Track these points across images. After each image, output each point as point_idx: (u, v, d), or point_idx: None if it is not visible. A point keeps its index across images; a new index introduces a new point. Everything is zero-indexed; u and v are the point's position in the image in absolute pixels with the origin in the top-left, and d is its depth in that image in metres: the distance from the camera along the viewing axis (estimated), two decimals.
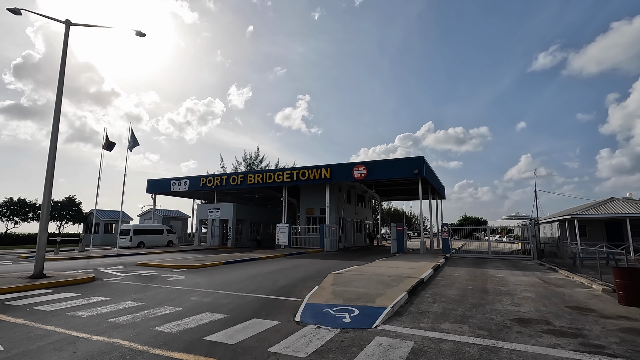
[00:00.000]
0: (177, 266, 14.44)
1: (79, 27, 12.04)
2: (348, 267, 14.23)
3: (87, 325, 5.73)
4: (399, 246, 23.53)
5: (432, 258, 18.89)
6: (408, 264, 15.47)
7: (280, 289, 9.28)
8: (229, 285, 9.94)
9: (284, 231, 27.62)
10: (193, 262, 15.57)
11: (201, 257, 18.64)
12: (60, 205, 33.85)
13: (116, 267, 14.66)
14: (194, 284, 10.06)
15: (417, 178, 24.11)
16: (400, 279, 10.42)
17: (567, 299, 8.27)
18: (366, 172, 25.26)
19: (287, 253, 21.70)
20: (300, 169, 27.68)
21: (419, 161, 23.72)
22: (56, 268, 14.11)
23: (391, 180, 28.61)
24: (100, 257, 19.85)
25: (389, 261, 16.86)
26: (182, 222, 43.25)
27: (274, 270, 13.54)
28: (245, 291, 8.94)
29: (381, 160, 25.53)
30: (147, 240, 29.05)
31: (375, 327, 5.66)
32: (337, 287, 9.04)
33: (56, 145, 11.24)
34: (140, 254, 22.24)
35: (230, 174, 31.49)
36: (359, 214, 36.05)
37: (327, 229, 25.88)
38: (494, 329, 5.69)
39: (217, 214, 31.91)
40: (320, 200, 30.41)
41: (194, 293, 8.69)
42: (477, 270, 14.52)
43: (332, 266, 15.09)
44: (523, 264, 17.38)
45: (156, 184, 35.14)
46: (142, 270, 13.74)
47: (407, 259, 17.93)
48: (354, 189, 34.12)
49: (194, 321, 5.98)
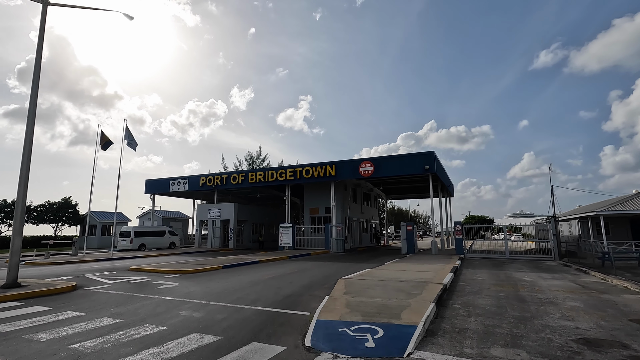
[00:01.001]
0: (171, 271, 13.24)
1: (59, 7, 10.85)
2: (358, 270, 12.98)
3: (39, 355, 4.51)
4: (409, 247, 22.24)
5: (447, 259, 17.61)
6: (423, 266, 14.20)
7: (284, 300, 8.04)
8: (226, 294, 8.71)
9: (287, 232, 26.39)
10: (190, 267, 14.36)
11: (199, 261, 17.44)
12: (56, 207, 32.75)
13: (106, 273, 13.47)
14: (186, 294, 8.84)
15: (428, 174, 22.81)
16: (421, 285, 9.16)
17: (625, 310, 6.99)
18: (373, 169, 23.98)
19: (291, 255, 20.47)
20: (304, 166, 26.43)
21: (430, 156, 22.42)
22: (39, 275, 12.94)
23: (399, 177, 27.33)
24: (93, 261, 18.69)
25: (401, 263, 15.59)
26: (183, 224, 42.07)
27: (277, 275, 12.31)
28: (244, 302, 7.70)
29: (389, 156, 24.27)
30: (149, 242, 27.90)
31: (409, 355, 4.41)
32: (350, 296, 7.79)
33: (32, 141, 10.04)
34: (136, 258, 21.06)
35: (231, 173, 30.29)
36: (365, 213, 34.76)
37: (332, 229, 24.62)
38: (561, 355, 4.43)
39: (218, 214, 30.72)
40: (324, 199, 29.17)
41: (185, 305, 7.47)
42: (499, 273, 13.23)
43: (340, 270, 13.84)
44: (546, 265, 16.06)
45: (155, 184, 34.00)
46: (133, 276, 12.54)
47: (421, 261, 16.65)
48: (359, 187, 32.84)
49: (177, 347, 4.75)
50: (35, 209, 32.02)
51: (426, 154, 22.57)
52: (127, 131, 22.26)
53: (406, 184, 33.08)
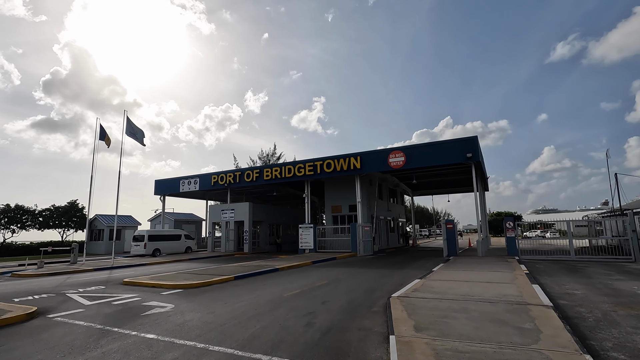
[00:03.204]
0: (170, 285, 10.62)
1: None
2: (405, 281, 10.09)
3: None
4: (450, 248, 19.13)
5: (504, 263, 14.49)
6: (487, 274, 11.16)
7: (322, 340, 5.22)
8: (235, 327, 5.96)
9: (308, 233, 23.64)
10: (194, 278, 11.73)
11: (208, 269, 14.84)
12: (62, 211, 30.90)
13: (93, 288, 10.98)
14: (178, 326, 6.14)
15: (470, 164, 19.66)
16: (518, 310, 6.21)
17: None
18: (405, 160, 20.95)
19: (315, 260, 17.68)
20: (325, 159, 23.60)
21: (472, 142, 19.25)
22: (10, 292, 10.55)
23: (431, 169, 24.21)
24: (89, 270, 16.36)
25: (454, 270, 12.56)
26: (196, 226, 39.89)
27: (304, 290, 9.52)
28: (259, 346, 4.93)
29: (423, 144, 21.15)
30: (163, 247, 25.66)
31: None
32: (429, 337, 4.91)
33: None
34: (140, 265, 18.70)
35: (245, 170, 27.72)
36: (392, 211, 31.65)
37: (359, 229, 21.71)
38: None
39: (232, 215, 28.23)
40: (348, 196, 26.31)
41: (170, 352, 4.75)
42: (593, 282, 10.07)
43: (381, 280, 10.96)
44: (633, 269, 12.72)
45: (164, 184, 31.81)
46: (123, 292, 9.97)
47: (475, 266, 13.58)
48: (385, 182, 29.78)
49: None
50: (41, 213, 30.23)
51: (468, 139, 19.39)
52: (129, 123, 19.96)
53: (438, 177, 29.68)
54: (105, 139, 20.17)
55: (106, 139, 20.16)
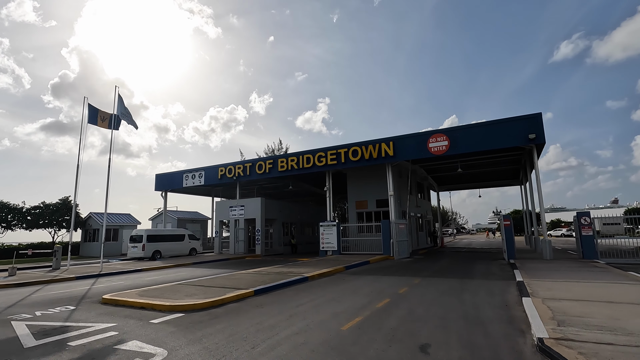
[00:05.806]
0: (167, 307, 7.34)
1: None
2: (508, 300, 6.76)
3: None
4: (509, 249, 15.70)
5: (604, 270, 11.10)
6: (611, 289, 7.77)
7: None
8: None
9: (330, 232, 20.35)
10: (200, 293, 8.46)
11: (217, 278, 11.57)
12: (52, 209, 27.81)
13: (56, 311, 7.76)
14: None
15: (531, 147, 16.25)
16: None
17: None
18: (449, 144, 17.57)
19: (347, 265, 14.36)
20: (351, 145, 20.24)
21: (536, 121, 15.80)
22: None
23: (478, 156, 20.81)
24: (69, 279, 13.19)
25: (553, 281, 9.16)
26: (202, 225, 36.75)
27: (367, 317, 6.20)
28: None
29: (472, 124, 17.68)
30: (165, 248, 22.49)
31: None
32: None
33: None
34: (132, 272, 15.53)
35: (256, 160, 24.45)
36: (421, 207, 28.25)
37: (394, 227, 18.36)
38: None
39: (241, 212, 24.99)
40: (375, 190, 23.07)
41: None
42: None
43: (462, 296, 7.62)
44: None
45: (166, 179, 28.64)
46: (95, 320, 6.74)
47: (572, 274, 10.16)
48: (414, 175, 26.35)
49: None
50: (29, 211, 27.17)
51: (531, 117, 15.91)
52: (120, 102, 16.81)
53: (478, 168, 25.92)
54: (99, 121, 16.99)
55: (99, 121, 16.98)
